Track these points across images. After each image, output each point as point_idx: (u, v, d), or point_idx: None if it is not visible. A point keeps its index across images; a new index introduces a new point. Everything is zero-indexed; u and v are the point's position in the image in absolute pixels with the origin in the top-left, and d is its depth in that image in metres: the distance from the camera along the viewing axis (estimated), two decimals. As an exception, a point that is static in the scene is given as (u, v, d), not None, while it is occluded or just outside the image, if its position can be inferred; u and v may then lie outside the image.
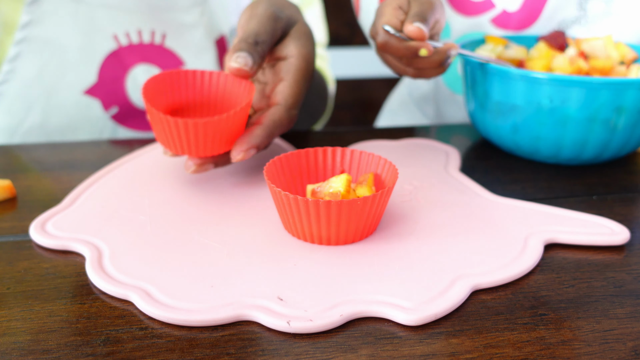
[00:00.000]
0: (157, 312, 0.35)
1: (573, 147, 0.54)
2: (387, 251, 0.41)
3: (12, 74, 0.68)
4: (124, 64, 0.71)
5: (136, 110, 0.73)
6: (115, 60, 0.71)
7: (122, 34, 0.70)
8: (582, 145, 0.54)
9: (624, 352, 0.33)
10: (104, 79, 0.71)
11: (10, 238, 0.44)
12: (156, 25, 0.71)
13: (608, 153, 0.55)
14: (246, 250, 0.41)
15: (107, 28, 0.70)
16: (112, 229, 0.44)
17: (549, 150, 0.55)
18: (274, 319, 0.35)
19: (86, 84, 0.70)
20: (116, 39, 0.70)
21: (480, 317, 0.36)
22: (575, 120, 0.52)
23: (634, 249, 0.44)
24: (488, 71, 0.56)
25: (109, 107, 0.72)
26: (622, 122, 0.53)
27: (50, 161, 0.59)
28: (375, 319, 0.36)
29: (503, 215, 0.47)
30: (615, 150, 0.55)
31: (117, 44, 0.70)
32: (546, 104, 0.52)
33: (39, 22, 0.67)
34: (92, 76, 0.70)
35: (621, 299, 0.38)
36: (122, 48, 0.70)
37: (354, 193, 0.43)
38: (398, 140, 0.62)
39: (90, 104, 0.71)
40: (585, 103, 0.51)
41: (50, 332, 0.34)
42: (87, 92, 0.70)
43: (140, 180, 0.52)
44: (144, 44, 0.71)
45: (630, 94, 0.51)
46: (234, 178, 0.52)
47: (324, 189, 0.42)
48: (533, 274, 0.40)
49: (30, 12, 0.66)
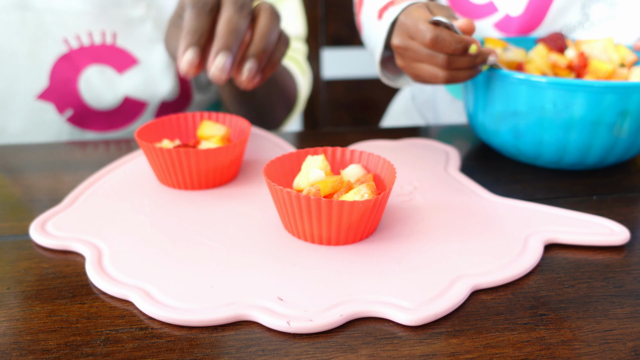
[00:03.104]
0: (157, 312, 0.35)
1: (577, 152, 0.54)
2: (387, 251, 0.41)
3: None
4: (76, 66, 0.71)
5: (92, 111, 0.73)
6: (65, 63, 0.71)
7: (73, 37, 0.70)
8: (586, 150, 0.53)
9: (624, 352, 0.33)
10: (55, 82, 0.71)
11: (10, 238, 0.44)
12: (105, 25, 0.71)
13: (612, 158, 0.55)
14: (246, 250, 0.41)
15: (57, 32, 0.70)
16: (112, 229, 0.44)
17: (552, 156, 0.55)
18: (274, 319, 0.35)
19: (38, 89, 0.71)
20: (67, 42, 0.70)
21: (480, 317, 0.36)
22: (579, 125, 0.52)
23: (634, 249, 0.44)
24: (490, 76, 0.55)
25: (63, 110, 0.72)
26: (627, 126, 0.52)
27: (50, 161, 0.59)
28: (375, 319, 0.36)
29: (503, 215, 0.47)
30: (619, 154, 0.54)
31: (67, 47, 0.70)
32: (549, 108, 0.52)
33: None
34: (43, 81, 0.71)
35: (621, 299, 0.38)
36: (73, 51, 0.70)
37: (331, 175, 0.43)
38: (398, 141, 0.62)
39: (44, 108, 0.72)
40: (589, 107, 0.51)
41: (50, 332, 0.34)
42: (40, 97, 0.71)
43: (140, 180, 0.52)
44: (95, 45, 0.71)
45: (634, 98, 0.50)
46: (234, 178, 0.52)
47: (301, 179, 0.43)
48: (533, 274, 0.40)
49: None
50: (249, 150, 0.58)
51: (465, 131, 0.68)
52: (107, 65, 0.72)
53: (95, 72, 0.72)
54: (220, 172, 0.50)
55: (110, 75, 0.72)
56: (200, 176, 0.49)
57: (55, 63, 0.70)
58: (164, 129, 0.53)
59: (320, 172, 0.42)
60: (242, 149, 0.51)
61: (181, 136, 0.54)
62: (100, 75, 0.72)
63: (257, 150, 0.58)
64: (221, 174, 0.50)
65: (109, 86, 0.72)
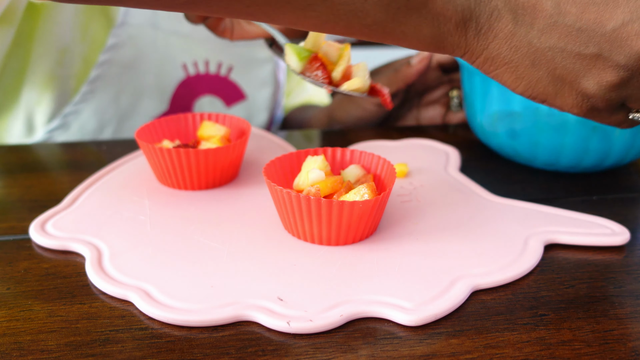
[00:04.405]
0: (157, 312, 0.35)
1: (573, 155, 0.53)
2: (387, 251, 0.41)
3: (91, 94, 0.68)
4: (192, 93, 0.72)
5: None
6: (185, 90, 0.71)
7: (191, 63, 0.71)
8: (582, 153, 0.52)
9: (624, 353, 0.33)
10: (175, 107, 0.72)
11: (10, 238, 0.44)
12: (224, 57, 0.72)
13: (609, 161, 0.53)
14: (246, 250, 0.41)
15: (178, 56, 0.70)
16: (112, 229, 0.44)
17: (548, 158, 0.54)
18: (274, 319, 0.35)
19: (158, 111, 0.71)
20: (185, 68, 0.71)
21: (480, 317, 0.36)
22: (574, 126, 0.51)
23: (634, 249, 0.44)
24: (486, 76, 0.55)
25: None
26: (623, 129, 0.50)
27: (50, 161, 0.59)
28: (375, 319, 0.36)
29: (503, 215, 0.46)
30: (616, 158, 0.53)
31: (185, 73, 0.71)
32: (544, 109, 0.51)
33: (122, 46, 0.67)
34: (164, 104, 0.71)
35: (621, 299, 0.38)
36: (190, 77, 0.71)
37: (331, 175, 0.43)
38: (398, 140, 0.62)
39: None
40: None
41: (50, 332, 0.34)
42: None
43: (140, 180, 0.52)
44: (210, 74, 0.72)
45: None
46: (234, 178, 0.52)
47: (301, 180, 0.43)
48: (533, 274, 0.40)
49: (116, 35, 0.66)
50: (249, 150, 0.58)
51: (465, 131, 0.68)
52: (218, 97, 0.73)
53: (207, 102, 0.73)
54: (220, 172, 0.50)
55: (219, 106, 0.74)
56: (200, 176, 0.49)
57: (177, 88, 0.71)
58: (164, 129, 0.53)
59: (320, 173, 0.42)
60: (242, 149, 0.51)
61: (181, 136, 0.54)
62: (210, 106, 0.73)
63: (257, 150, 0.58)
64: (221, 174, 0.50)
65: None
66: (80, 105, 0.68)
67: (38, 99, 0.66)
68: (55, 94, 0.66)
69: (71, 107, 0.67)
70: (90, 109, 0.68)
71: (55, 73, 0.65)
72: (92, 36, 0.66)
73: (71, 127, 0.68)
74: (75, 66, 0.66)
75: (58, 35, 0.64)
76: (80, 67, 0.67)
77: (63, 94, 0.67)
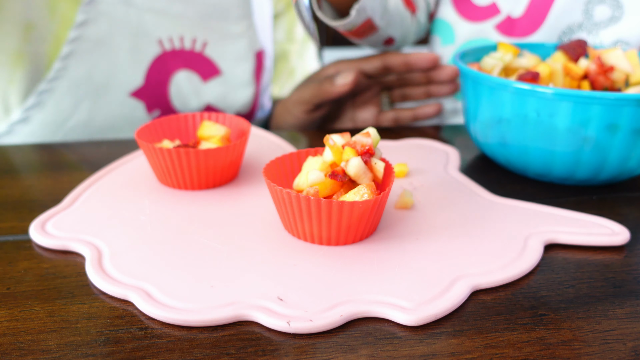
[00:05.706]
0: (157, 312, 0.35)
1: (563, 167, 0.51)
2: (387, 251, 0.41)
3: (64, 71, 0.69)
4: (168, 68, 0.72)
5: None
6: (160, 65, 0.72)
7: (166, 38, 0.71)
8: (574, 166, 0.51)
9: (624, 353, 0.33)
10: (150, 82, 0.72)
11: (10, 238, 0.44)
12: (199, 33, 0.73)
13: (604, 175, 0.51)
14: (246, 250, 0.41)
15: (153, 32, 0.71)
16: (112, 229, 0.44)
17: (539, 168, 0.53)
18: (274, 319, 0.35)
19: (133, 86, 0.72)
20: (160, 43, 0.71)
21: (480, 317, 0.36)
22: (563, 137, 0.49)
23: (634, 249, 0.44)
24: (478, 81, 0.53)
25: (152, 110, 0.74)
26: (617, 142, 0.48)
27: (50, 161, 0.59)
28: (375, 319, 0.36)
29: (503, 215, 0.47)
30: (612, 173, 0.51)
31: (161, 48, 0.71)
32: (533, 117, 0.50)
33: (93, 22, 0.68)
34: (139, 79, 0.72)
35: (621, 299, 0.38)
36: (166, 53, 0.72)
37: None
38: (398, 140, 0.62)
39: (135, 105, 0.73)
40: (573, 119, 0.48)
41: (50, 332, 0.34)
42: (133, 94, 0.72)
43: (140, 180, 0.52)
44: (185, 50, 0.73)
45: (626, 112, 0.46)
46: (234, 178, 0.52)
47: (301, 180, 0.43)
48: (533, 274, 0.40)
49: (86, 12, 0.67)
50: (249, 150, 0.58)
51: (465, 131, 0.68)
52: (194, 72, 0.74)
53: (184, 77, 0.74)
54: (220, 172, 0.50)
55: (195, 82, 0.74)
56: (200, 176, 0.49)
57: (152, 63, 0.71)
58: (164, 129, 0.54)
59: (320, 174, 0.42)
60: (242, 149, 0.51)
61: (181, 136, 0.54)
62: (187, 81, 0.74)
63: (257, 150, 0.58)
64: (221, 174, 0.50)
65: (195, 92, 0.74)
66: (54, 83, 0.68)
67: (10, 77, 0.67)
68: (27, 72, 0.67)
69: (45, 84, 0.68)
70: (65, 85, 0.69)
71: (23, 49, 0.66)
72: (61, 13, 0.67)
73: (47, 104, 0.69)
74: (46, 43, 0.67)
75: (21, 12, 0.65)
76: (51, 44, 0.68)
77: (35, 71, 0.68)
